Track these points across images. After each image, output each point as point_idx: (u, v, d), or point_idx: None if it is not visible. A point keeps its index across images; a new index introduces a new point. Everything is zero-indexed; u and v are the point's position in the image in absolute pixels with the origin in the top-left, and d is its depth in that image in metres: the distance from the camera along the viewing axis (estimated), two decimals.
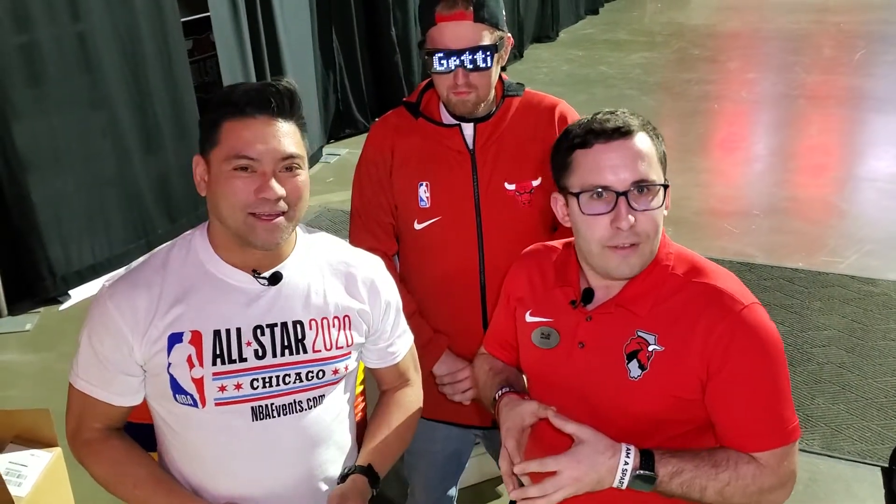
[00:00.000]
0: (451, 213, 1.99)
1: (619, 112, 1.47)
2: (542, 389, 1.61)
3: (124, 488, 1.53)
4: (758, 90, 9.46)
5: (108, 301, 1.48)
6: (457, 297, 2.03)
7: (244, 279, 1.51)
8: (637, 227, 1.41)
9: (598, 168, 1.42)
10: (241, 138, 1.41)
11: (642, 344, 1.46)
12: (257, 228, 1.43)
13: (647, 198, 1.42)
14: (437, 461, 2.28)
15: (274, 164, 1.42)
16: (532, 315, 1.61)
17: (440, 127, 1.99)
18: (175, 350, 1.47)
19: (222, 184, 1.42)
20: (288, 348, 1.51)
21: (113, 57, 4.95)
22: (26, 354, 4.24)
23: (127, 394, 1.53)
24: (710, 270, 1.49)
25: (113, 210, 5.06)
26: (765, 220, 5.70)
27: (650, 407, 1.46)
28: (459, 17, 1.82)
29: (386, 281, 1.66)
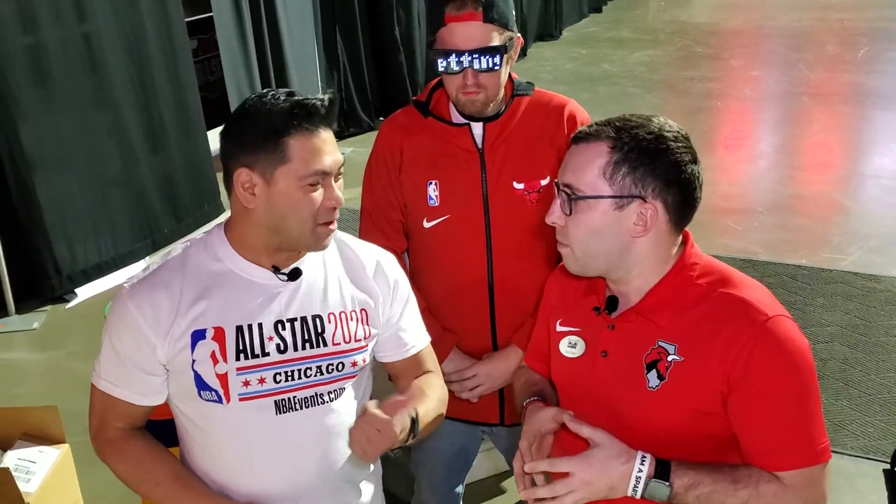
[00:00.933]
0: (459, 212, 2.00)
1: (656, 120, 1.45)
2: (570, 398, 1.59)
3: (147, 486, 1.56)
4: (761, 87, 9.45)
5: (129, 301, 1.50)
6: (465, 295, 2.04)
7: (264, 275, 1.53)
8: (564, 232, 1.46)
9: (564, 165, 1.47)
10: (315, 154, 1.44)
11: (662, 354, 1.43)
12: (323, 236, 1.50)
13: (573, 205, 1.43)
14: (444, 458, 2.30)
15: (335, 173, 1.49)
16: (562, 325, 1.60)
17: (449, 126, 2.00)
18: (199, 347, 1.49)
19: (295, 200, 1.44)
20: (309, 342, 1.54)
21: (118, 57, 4.98)
22: (34, 352, 4.27)
23: (149, 393, 1.55)
24: (737, 281, 1.45)
25: (118, 209, 5.08)
26: (768, 216, 5.71)
27: (669, 419, 1.42)
28: (469, 18, 1.83)
29: (393, 267, 1.68)
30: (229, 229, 1.56)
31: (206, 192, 5.72)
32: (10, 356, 4.23)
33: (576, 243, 1.44)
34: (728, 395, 1.39)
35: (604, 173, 1.39)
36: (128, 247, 5.10)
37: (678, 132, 1.44)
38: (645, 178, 1.39)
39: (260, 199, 1.46)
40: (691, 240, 1.52)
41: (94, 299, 4.71)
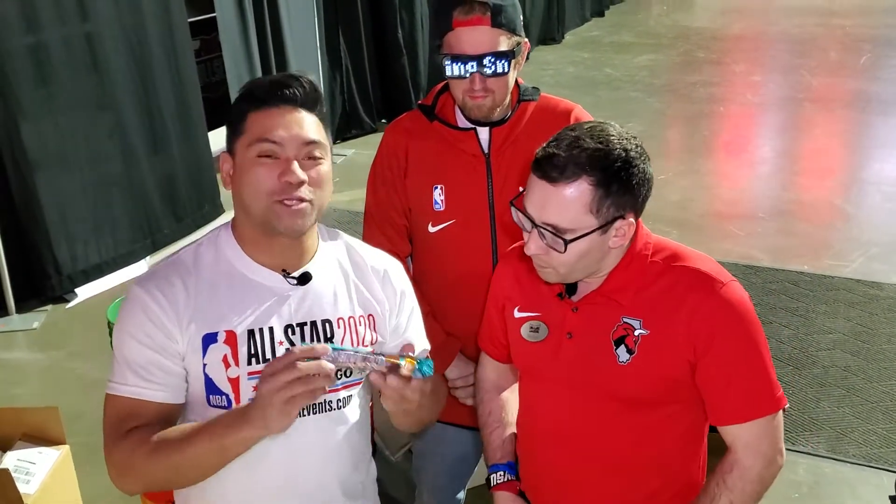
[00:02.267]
0: (465, 217, 1.99)
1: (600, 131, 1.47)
2: (534, 381, 1.68)
3: (178, 454, 1.40)
4: (763, 93, 9.46)
5: (145, 294, 1.47)
6: (470, 300, 2.02)
7: (274, 279, 1.52)
8: (543, 259, 1.50)
9: (528, 194, 1.50)
10: (264, 125, 1.44)
11: (628, 329, 1.53)
12: (282, 214, 1.44)
13: (556, 243, 1.46)
14: (445, 463, 2.29)
15: (297, 149, 1.44)
16: (520, 311, 1.66)
17: (455, 130, 1.99)
18: (210, 350, 1.47)
19: (247, 171, 1.44)
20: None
21: (120, 57, 4.98)
22: (34, 352, 4.26)
23: (176, 388, 1.48)
24: (688, 255, 1.56)
25: (119, 210, 5.07)
26: (770, 222, 5.71)
27: (641, 389, 1.53)
28: (476, 23, 1.83)
29: (400, 276, 1.67)
30: (234, 227, 1.56)
31: (206, 192, 5.72)
32: (10, 356, 4.22)
33: (561, 266, 1.50)
34: (695, 362, 1.50)
35: (590, 210, 1.44)
36: (128, 247, 5.10)
37: (632, 139, 1.47)
38: (624, 199, 1.46)
39: (231, 180, 1.50)
40: (640, 221, 1.58)
41: (94, 299, 4.71)
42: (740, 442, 1.52)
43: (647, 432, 1.57)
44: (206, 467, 1.40)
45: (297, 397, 1.26)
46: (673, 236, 1.55)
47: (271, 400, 1.26)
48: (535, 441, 1.70)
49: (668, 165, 6.73)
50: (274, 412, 1.26)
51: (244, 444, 1.34)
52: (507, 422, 1.79)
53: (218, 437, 1.34)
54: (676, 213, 5.70)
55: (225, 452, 1.36)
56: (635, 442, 1.58)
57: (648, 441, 1.58)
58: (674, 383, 1.52)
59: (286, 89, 1.46)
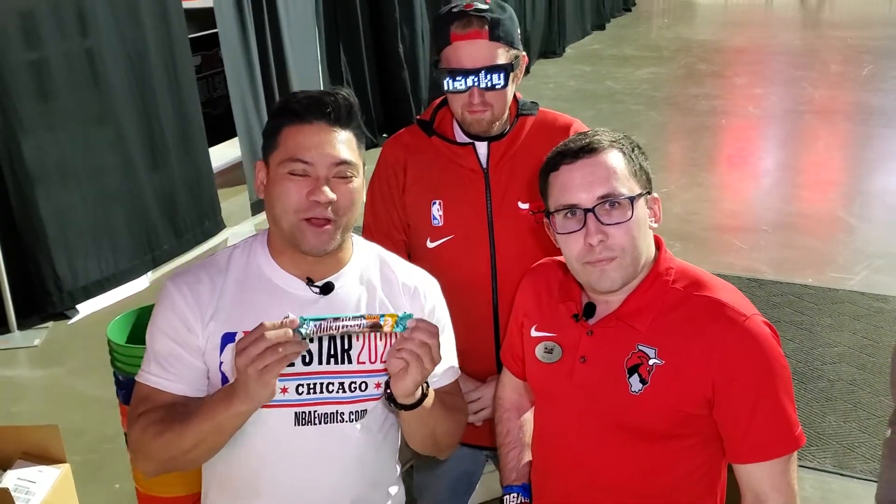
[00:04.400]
0: (464, 232, 1.98)
1: (591, 132, 1.53)
2: (546, 402, 1.64)
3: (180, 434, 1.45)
4: (765, 105, 9.47)
5: (174, 289, 1.54)
6: (469, 316, 2.00)
7: (298, 286, 1.55)
8: (610, 242, 1.45)
9: (566, 187, 1.48)
10: (297, 143, 1.47)
11: (643, 358, 1.48)
12: (307, 233, 1.48)
13: (619, 211, 1.45)
14: (446, 481, 2.27)
15: (328, 169, 1.47)
16: (537, 330, 1.64)
17: (454, 145, 1.98)
18: (227, 349, 1.51)
19: (277, 186, 1.48)
20: (334, 357, 1.54)
21: (120, 72, 4.98)
22: (35, 369, 4.24)
23: (188, 381, 1.53)
24: (711, 284, 1.51)
25: (119, 225, 5.07)
26: (773, 235, 5.69)
27: (652, 421, 1.48)
28: (475, 36, 1.82)
29: (433, 294, 1.67)
30: (269, 234, 1.60)
31: (206, 208, 5.71)
32: (11, 373, 4.20)
33: (628, 246, 1.46)
34: (713, 398, 1.45)
35: (632, 174, 1.47)
36: (128, 263, 5.09)
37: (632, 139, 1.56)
38: (645, 172, 1.51)
39: (266, 191, 1.53)
40: (664, 245, 1.56)
41: (95, 316, 4.69)
42: (756, 483, 1.46)
43: (660, 465, 1.52)
44: (207, 445, 1.45)
45: (270, 365, 1.31)
46: (675, 249, 1.55)
47: (247, 372, 1.31)
48: (547, 465, 1.66)
49: (670, 178, 6.71)
50: (252, 383, 1.32)
51: (237, 417, 1.40)
52: (525, 442, 1.76)
53: (212, 415, 1.40)
54: (679, 226, 5.68)
55: (221, 428, 1.42)
56: (647, 474, 1.52)
57: (661, 474, 1.52)
58: (687, 417, 1.47)
59: (322, 106, 1.48)
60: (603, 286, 1.48)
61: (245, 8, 6.02)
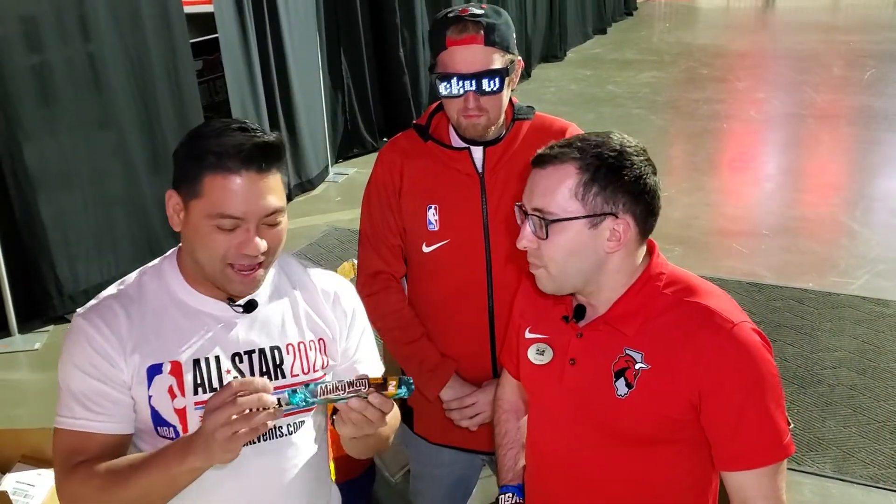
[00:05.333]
0: (459, 237, 1.97)
1: (570, 140, 1.48)
2: (538, 404, 1.64)
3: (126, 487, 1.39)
4: (767, 109, 9.46)
5: (87, 325, 1.44)
6: (465, 320, 2.02)
7: (219, 307, 1.50)
8: (537, 251, 1.46)
9: (526, 188, 1.50)
10: (225, 197, 1.37)
11: (630, 362, 1.47)
12: (235, 281, 1.43)
13: (542, 229, 1.45)
14: (443, 486, 2.26)
15: (258, 220, 1.41)
16: (531, 332, 1.64)
17: (449, 150, 1.98)
18: (155, 382, 1.45)
19: (202, 236, 1.40)
20: (267, 373, 1.50)
21: (122, 77, 4.99)
22: (35, 373, 4.25)
23: (124, 419, 1.46)
24: (702, 290, 1.49)
25: (120, 229, 5.07)
26: (774, 239, 5.68)
27: (638, 425, 1.46)
28: (470, 41, 1.82)
29: (351, 298, 1.64)
30: (180, 256, 1.53)
31: None
32: (11, 376, 4.20)
33: (551, 264, 1.46)
34: (699, 404, 1.43)
35: (575, 194, 1.42)
36: (129, 266, 4.99)
37: (637, 146, 1.47)
38: (615, 194, 1.42)
39: (182, 227, 1.45)
40: (657, 250, 1.55)
41: None
42: (744, 491, 1.45)
43: (647, 470, 1.51)
44: (156, 497, 1.40)
45: (239, 434, 1.26)
46: (676, 254, 1.54)
47: (214, 435, 1.26)
48: (538, 468, 1.66)
49: (671, 182, 6.71)
50: (216, 447, 1.27)
51: (192, 473, 1.35)
52: (523, 444, 1.76)
53: (165, 467, 1.34)
54: (680, 231, 5.67)
55: (174, 481, 1.36)
56: (634, 479, 1.51)
57: (648, 479, 1.51)
58: (673, 423, 1.45)
59: (250, 155, 1.37)
60: (538, 285, 1.51)
61: (246, 12, 6.02)
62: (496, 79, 1.83)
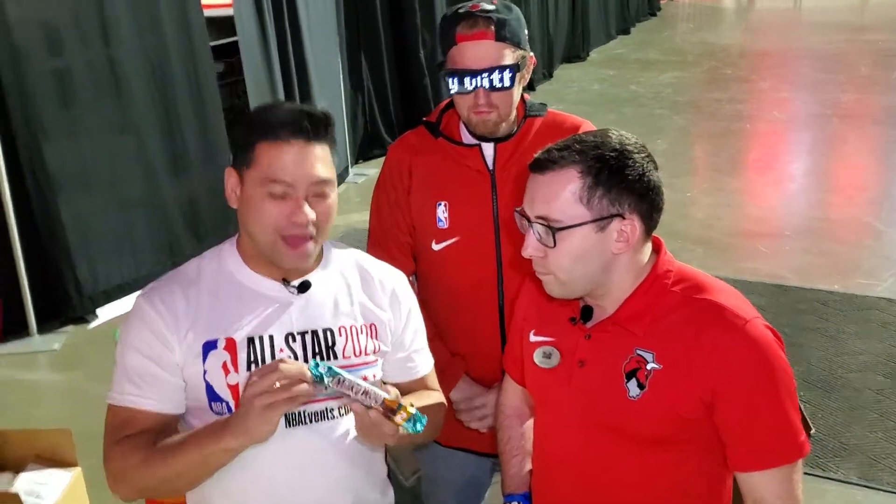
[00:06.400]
0: (469, 234, 1.95)
1: (568, 141, 1.44)
2: (545, 409, 1.61)
3: (163, 465, 1.43)
4: (791, 109, 9.35)
5: (146, 304, 1.50)
6: (474, 320, 1.99)
7: (274, 288, 1.54)
8: (543, 260, 1.44)
9: (525, 195, 1.47)
10: (275, 162, 1.44)
11: (641, 362, 1.44)
12: (286, 251, 1.47)
13: (548, 236, 1.41)
14: (454, 489, 2.23)
15: (306, 188, 1.45)
16: (536, 334, 1.61)
17: (460, 146, 1.95)
18: (210, 357, 1.49)
19: (255, 205, 1.46)
20: (319, 354, 1.53)
21: (142, 81, 5.02)
22: (54, 374, 4.27)
23: (173, 399, 1.50)
24: (711, 287, 1.46)
25: (141, 231, 5.10)
26: (798, 241, 5.59)
27: (651, 426, 1.44)
28: (480, 37, 1.79)
29: (407, 293, 1.69)
30: (238, 240, 1.59)
31: (228, 213, 5.60)
32: (30, 377, 4.23)
33: (559, 271, 1.44)
34: (712, 403, 1.40)
35: (580, 199, 1.39)
36: (149, 268, 5.10)
37: (636, 142, 1.44)
38: (620, 195, 1.39)
39: (238, 202, 1.51)
40: (664, 248, 1.52)
41: (114, 320, 4.71)
42: (758, 491, 1.42)
43: (660, 471, 1.47)
44: (191, 478, 1.44)
45: (278, 403, 1.29)
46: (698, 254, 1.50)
47: (252, 404, 1.29)
48: (546, 473, 1.62)
49: (693, 183, 6.63)
50: (254, 418, 1.30)
51: (225, 454, 1.38)
52: (527, 450, 1.72)
53: (199, 448, 1.38)
54: (702, 232, 5.59)
55: (207, 462, 1.40)
56: (647, 481, 1.48)
57: (661, 481, 1.48)
58: (686, 423, 1.42)
59: (300, 123, 1.44)
60: (546, 290, 1.49)
61: (266, 15, 6.03)
62: (507, 74, 1.80)
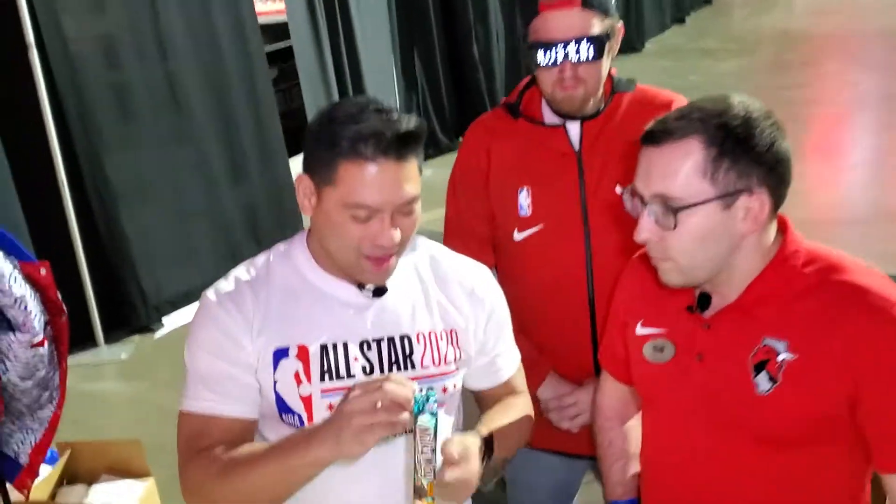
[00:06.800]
0: (555, 221, 1.81)
1: (686, 108, 1.31)
2: (658, 410, 1.46)
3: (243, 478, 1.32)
4: (859, 92, 9.02)
5: (215, 304, 1.41)
6: (563, 313, 1.85)
7: (348, 292, 1.43)
8: (661, 243, 1.30)
9: (638, 171, 1.33)
10: (360, 186, 1.30)
11: (771, 353, 1.29)
12: (368, 269, 1.37)
13: (667, 217, 1.27)
14: (542, 494, 2.10)
15: (392, 210, 1.33)
16: (644, 326, 1.46)
17: (542, 127, 1.83)
18: (281, 366, 1.39)
19: (336, 224, 1.34)
20: (396, 363, 1.42)
21: (200, 93, 5.08)
22: (121, 383, 4.28)
23: (248, 401, 1.40)
24: (849, 267, 1.31)
25: (202, 240, 5.13)
26: (871, 227, 5.34)
27: (785, 425, 1.29)
28: (565, 5, 1.66)
29: (490, 289, 1.56)
30: (309, 239, 1.47)
31: (288, 219, 5.71)
32: (98, 387, 4.24)
33: (681, 255, 1.29)
34: (856, 395, 1.26)
35: (703, 173, 1.25)
36: (212, 275, 5.00)
37: (761, 109, 1.29)
38: (749, 167, 1.25)
39: (314, 211, 1.39)
40: (790, 225, 1.37)
41: (180, 329, 4.71)
42: None
43: (794, 475, 1.33)
44: (274, 490, 1.32)
45: (377, 426, 1.18)
46: None
47: (350, 421, 1.19)
48: (659, 479, 1.48)
49: None
50: (349, 435, 1.19)
51: (313, 466, 1.27)
52: (631, 453, 1.58)
53: (284, 459, 1.27)
54: None
55: (292, 474, 1.28)
56: (778, 486, 1.33)
57: (795, 486, 1.33)
58: (825, 420, 1.28)
59: (387, 141, 1.28)
60: (661, 279, 1.35)
61: (319, 19, 6.03)
62: (594, 46, 1.66)
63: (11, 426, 2.10)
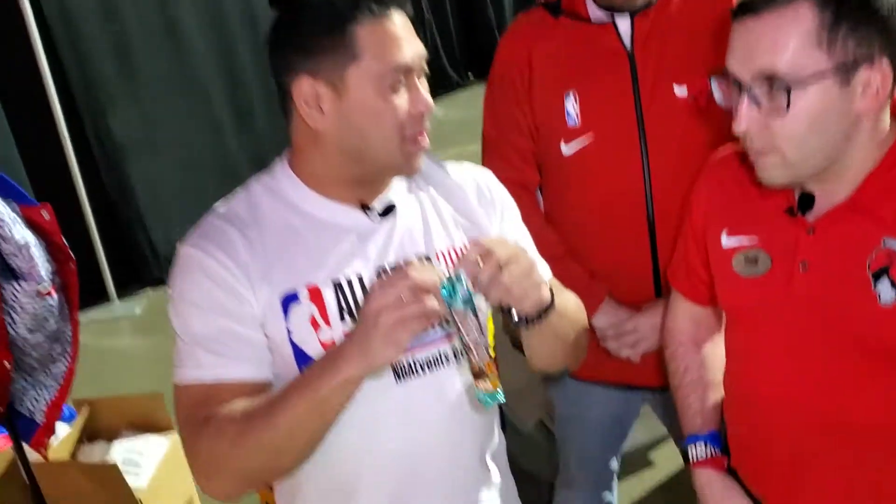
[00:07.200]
0: (606, 130, 1.65)
1: None
2: (752, 330, 1.30)
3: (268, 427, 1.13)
4: None
5: (199, 254, 1.20)
6: (618, 232, 1.70)
7: (352, 216, 1.25)
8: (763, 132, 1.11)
9: (730, 49, 1.13)
10: (392, 44, 1.15)
11: (893, 257, 1.13)
12: (413, 155, 1.21)
13: (778, 100, 1.08)
14: (596, 429, 1.97)
15: (420, 69, 1.19)
16: (730, 235, 1.29)
17: (588, 24, 1.65)
18: (293, 313, 1.20)
19: (375, 106, 1.17)
20: None
21: (202, 36, 5.03)
22: (137, 338, 4.26)
23: (254, 360, 1.20)
24: None
25: (210, 190, 5.00)
26: None
27: None
28: None
29: (494, 185, 1.39)
30: (295, 164, 1.28)
31: None
32: (114, 343, 4.21)
33: (790, 145, 1.11)
34: None
35: (818, 42, 1.06)
36: None
37: None
38: (870, 33, 1.07)
39: (330, 116, 1.18)
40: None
41: None
42: None
43: None
44: (308, 432, 1.13)
45: (409, 320, 1.04)
46: None
47: (377, 321, 1.03)
48: (751, 407, 1.32)
49: None
50: (378, 338, 1.04)
51: (344, 389, 1.09)
52: (709, 381, 1.42)
53: (311, 392, 1.09)
54: None
55: (324, 407, 1.10)
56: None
57: None
58: None
59: None
60: (760, 178, 1.18)
61: None
62: None
63: (24, 383, 1.99)
